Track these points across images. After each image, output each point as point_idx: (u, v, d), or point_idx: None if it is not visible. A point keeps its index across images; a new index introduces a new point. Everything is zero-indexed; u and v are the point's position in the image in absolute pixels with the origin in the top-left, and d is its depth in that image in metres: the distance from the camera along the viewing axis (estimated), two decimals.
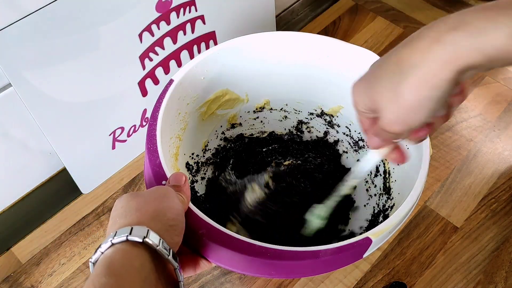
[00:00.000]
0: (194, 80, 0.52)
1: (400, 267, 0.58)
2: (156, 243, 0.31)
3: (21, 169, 0.59)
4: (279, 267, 0.38)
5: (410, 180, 0.44)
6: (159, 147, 0.44)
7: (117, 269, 0.29)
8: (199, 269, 0.40)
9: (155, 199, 0.35)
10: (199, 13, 0.62)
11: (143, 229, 0.31)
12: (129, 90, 0.61)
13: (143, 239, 0.30)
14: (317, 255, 0.38)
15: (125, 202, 0.35)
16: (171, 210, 0.35)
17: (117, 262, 0.30)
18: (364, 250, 0.40)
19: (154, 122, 0.46)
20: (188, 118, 0.54)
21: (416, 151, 0.46)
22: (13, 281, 0.58)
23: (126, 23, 0.54)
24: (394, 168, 0.52)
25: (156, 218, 0.33)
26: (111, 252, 0.30)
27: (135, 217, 0.33)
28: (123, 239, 0.30)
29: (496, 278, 0.58)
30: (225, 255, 0.38)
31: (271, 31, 0.56)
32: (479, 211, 0.63)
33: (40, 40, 0.48)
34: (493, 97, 0.75)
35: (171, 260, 0.32)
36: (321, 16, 0.86)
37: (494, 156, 0.68)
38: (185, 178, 0.40)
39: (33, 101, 0.51)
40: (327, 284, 0.57)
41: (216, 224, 0.39)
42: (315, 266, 0.39)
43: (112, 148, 0.64)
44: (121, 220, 0.33)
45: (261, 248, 0.37)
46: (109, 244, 0.31)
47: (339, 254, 0.38)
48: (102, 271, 0.29)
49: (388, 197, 0.52)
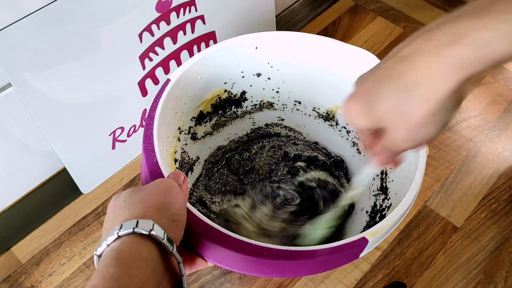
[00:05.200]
0: (191, 79, 0.52)
1: (400, 267, 0.58)
2: (162, 236, 0.31)
3: (21, 169, 0.59)
4: (275, 267, 0.38)
5: (407, 180, 0.44)
6: (156, 146, 0.44)
7: (126, 259, 0.29)
8: (195, 267, 0.40)
9: (159, 193, 0.35)
10: (199, 13, 0.62)
11: (149, 222, 0.31)
12: (129, 90, 0.61)
13: (150, 232, 0.31)
14: (314, 255, 0.38)
15: (128, 196, 0.35)
16: (174, 205, 0.35)
17: (126, 253, 0.30)
18: (360, 250, 0.40)
19: (151, 121, 0.46)
20: (185, 118, 0.54)
21: (413, 151, 0.46)
22: (13, 281, 0.58)
23: (126, 23, 0.54)
24: (391, 168, 0.52)
25: (160, 212, 0.33)
26: (118, 244, 0.30)
27: (139, 210, 0.33)
28: (130, 231, 0.31)
29: (496, 278, 0.58)
30: (221, 254, 0.38)
31: (270, 31, 0.55)
32: (479, 211, 0.63)
33: (40, 40, 0.48)
34: (493, 97, 0.75)
35: (175, 253, 0.32)
36: (321, 16, 0.86)
37: (494, 156, 0.68)
38: (184, 176, 0.40)
39: (33, 101, 0.51)
40: (327, 284, 0.57)
41: (212, 223, 0.39)
42: (311, 266, 0.39)
43: (112, 148, 0.64)
44: (124, 213, 0.33)
45: (257, 247, 0.37)
46: (115, 237, 0.31)
47: (336, 254, 0.38)
48: (110, 261, 0.29)
49: (385, 197, 0.51)
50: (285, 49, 0.55)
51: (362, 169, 0.45)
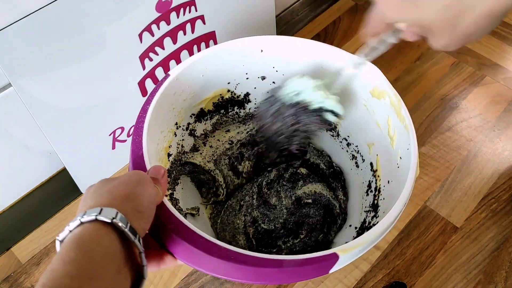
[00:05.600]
0: (192, 76, 0.52)
1: (400, 267, 0.58)
2: (124, 225, 0.31)
3: (21, 169, 0.59)
4: (241, 271, 0.38)
5: (395, 199, 0.43)
6: (144, 139, 0.44)
7: (86, 244, 0.30)
8: (164, 265, 0.40)
9: (128, 184, 0.35)
10: (199, 13, 0.62)
11: (112, 211, 0.32)
12: (129, 90, 0.61)
13: (112, 220, 0.31)
14: (281, 264, 0.37)
15: (99, 186, 0.35)
16: (142, 197, 0.35)
17: (86, 238, 0.30)
18: (330, 266, 0.38)
19: (144, 114, 0.46)
20: (184, 114, 0.54)
21: (404, 170, 0.45)
22: (13, 281, 0.58)
23: (126, 23, 0.54)
24: (385, 186, 0.51)
25: (126, 202, 0.33)
26: (80, 230, 0.31)
27: (105, 199, 0.33)
28: (92, 219, 0.31)
29: (496, 278, 0.58)
30: (190, 253, 0.38)
31: (276, 35, 0.55)
32: (479, 211, 0.63)
33: (40, 40, 0.48)
34: (493, 97, 0.75)
35: (137, 243, 0.32)
36: (321, 16, 0.86)
37: (494, 156, 0.68)
38: (164, 171, 0.40)
39: (33, 101, 0.51)
40: (327, 284, 0.57)
41: (185, 221, 0.39)
42: (278, 275, 0.38)
43: (112, 148, 0.64)
44: (91, 201, 0.34)
45: (226, 250, 0.37)
46: (78, 223, 0.31)
47: (304, 266, 0.38)
48: (71, 246, 0.30)
49: (374, 215, 0.51)
50: (291, 55, 0.54)
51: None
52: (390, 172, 0.50)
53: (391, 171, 0.50)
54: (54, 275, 0.28)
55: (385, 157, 0.52)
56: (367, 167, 0.56)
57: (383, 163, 0.53)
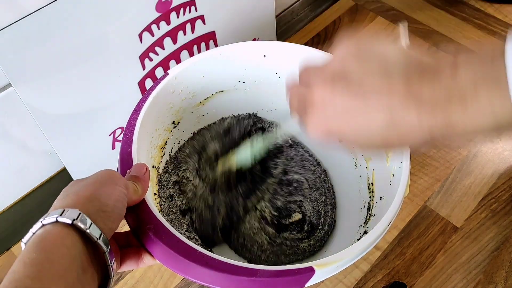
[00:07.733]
0: (192, 76, 0.52)
1: (400, 267, 0.58)
2: (86, 226, 0.31)
3: (21, 169, 0.59)
4: (215, 277, 0.38)
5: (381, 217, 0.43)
6: (135, 136, 0.44)
7: (47, 245, 0.30)
8: (142, 264, 0.40)
9: (94, 183, 0.35)
10: (199, 13, 0.62)
11: (75, 212, 0.32)
12: (129, 90, 0.61)
13: (73, 221, 0.31)
14: (255, 273, 0.37)
15: (68, 187, 0.35)
16: (108, 196, 0.35)
17: (48, 240, 0.30)
18: (306, 279, 0.38)
19: (138, 111, 0.46)
20: (183, 113, 0.54)
21: (394, 189, 0.45)
22: None
23: (126, 23, 0.54)
24: (377, 202, 0.51)
25: (91, 202, 0.33)
26: (42, 232, 0.31)
27: (70, 200, 0.33)
28: (53, 220, 0.31)
29: (496, 278, 0.58)
30: (167, 255, 0.38)
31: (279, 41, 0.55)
32: (479, 211, 0.63)
33: (40, 40, 0.48)
34: None
35: (100, 243, 0.32)
36: (321, 16, 0.86)
37: (494, 156, 0.68)
38: (146, 169, 0.40)
39: (33, 101, 0.51)
40: (327, 284, 0.57)
41: (165, 222, 0.39)
42: (251, 284, 0.38)
43: (112, 148, 0.64)
44: (57, 203, 0.34)
45: (201, 254, 0.37)
46: (39, 225, 0.31)
47: (278, 278, 0.37)
48: (32, 248, 0.30)
49: (365, 230, 0.50)
50: (294, 62, 0.54)
51: None
52: (383, 188, 0.50)
53: (384, 188, 0.49)
54: (16, 276, 0.28)
55: (380, 173, 0.51)
56: (364, 181, 0.56)
57: (377, 178, 0.52)
